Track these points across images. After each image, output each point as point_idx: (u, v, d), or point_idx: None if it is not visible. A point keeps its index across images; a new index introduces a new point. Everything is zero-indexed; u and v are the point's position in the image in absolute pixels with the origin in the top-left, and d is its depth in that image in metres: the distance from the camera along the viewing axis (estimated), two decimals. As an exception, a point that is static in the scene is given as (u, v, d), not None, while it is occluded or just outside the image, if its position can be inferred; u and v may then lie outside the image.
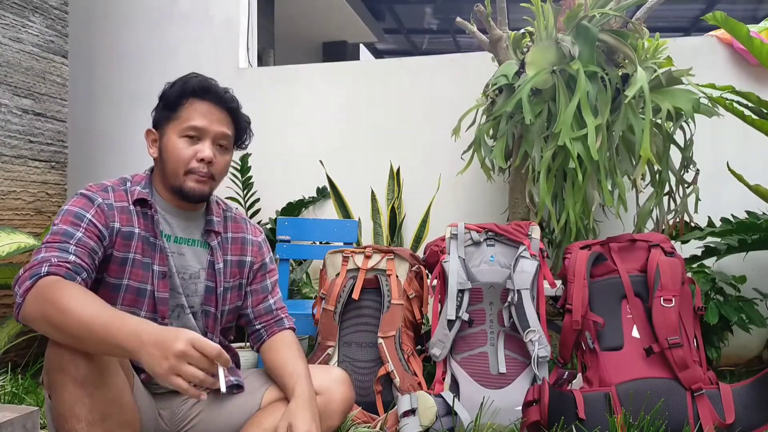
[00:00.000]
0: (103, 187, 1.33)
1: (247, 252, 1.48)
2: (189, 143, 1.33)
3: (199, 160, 1.32)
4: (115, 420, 1.11)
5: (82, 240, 1.22)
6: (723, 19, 2.10)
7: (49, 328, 1.08)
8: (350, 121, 3.15)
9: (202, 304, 1.40)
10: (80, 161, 3.45)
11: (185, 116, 1.33)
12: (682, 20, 6.54)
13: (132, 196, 1.34)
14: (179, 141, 1.33)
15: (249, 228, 1.52)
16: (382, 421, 1.75)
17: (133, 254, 1.30)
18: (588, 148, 2.14)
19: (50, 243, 1.20)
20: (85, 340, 1.05)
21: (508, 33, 2.53)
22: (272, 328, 1.47)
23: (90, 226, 1.25)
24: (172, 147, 1.33)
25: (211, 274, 1.41)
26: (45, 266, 1.15)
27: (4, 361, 2.34)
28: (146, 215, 1.34)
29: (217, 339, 1.44)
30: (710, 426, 1.56)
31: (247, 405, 1.38)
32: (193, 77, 1.36)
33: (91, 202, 1.29)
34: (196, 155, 1.32)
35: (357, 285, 1.96)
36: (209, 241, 1.41)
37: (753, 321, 2.19)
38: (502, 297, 1.89)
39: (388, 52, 8.52)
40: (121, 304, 1.30)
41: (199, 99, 1.34)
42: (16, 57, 2.54)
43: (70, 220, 1.24)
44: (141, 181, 1.37)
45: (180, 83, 1.35)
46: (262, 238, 1.53)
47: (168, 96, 1.35)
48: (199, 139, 1.33)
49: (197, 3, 3.37)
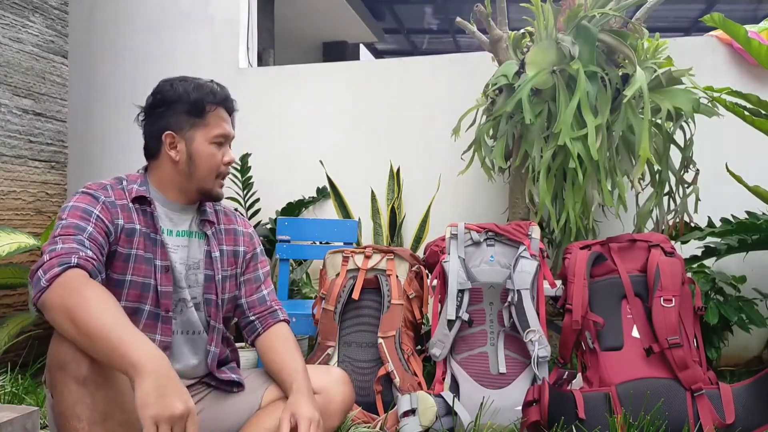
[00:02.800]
0: (102, 186, 1.35)
1: (240, 242, 1.52)
2: (218, 149, 1.42)
3: (227, 163, 1.43)
4: (116, 420, 1.11)
5: (93, 235, 1.24)
6: (721, 20, 2.10)
7: (65, 320, 1.08)
8: (350, 121, 3.15)
9: (204, 293, 1.43)
10: (80, 161, 3.45)
11: (213, 123, 1.41)
12: (682, 20, 6.54)
13: (130, 194, 1.36)
14: (211, 147, 1.40)
15: (239, 220, 1.57)
16: (382, 421, 1.75)
17: (135, 250, 1.32)
18: (588, 148, 2.14)
19: (64, 235, 1.21)
20: (98, 342, 1.05)
21: (508, 33, 2.53)
22: (267, 320, 1.48)
23: (98, 222, 1.27)
24: (206, 154, 1.40)
25: (208, 262, 1.43)
26: (74, 257, 1.16)
27: (4, 361, 2.34)
28: (145, 212, 1.36)
29: (220, 326, 1.45)
30: (710, 426, 1.56)
31: (248, 404, 1.39)
32: (212, 84, 1.43)
33: (95, 199, 1.30)
34: (223, 159, 1.42)
35: (357, 285, 1.96)
36: (205, 230, 1.45)
37: (753, 321, 2.19)
38: (502, 297, 1.89)
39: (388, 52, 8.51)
40: (126, 299, 1.30)
41: (221, 107, 1.43)
42: (16, 57, 2.54)
43: (79, 215, 1.25)
44: (137, 180, 1.40)
45: (204, 90, 1.40)
46: (251, 230, 1.59)
47: (194, 102, 1.39)
48: (223, 144, 1.43)
49: (197, 3, 3.37)
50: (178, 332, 1.38)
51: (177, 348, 1.38)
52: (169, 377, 1.01)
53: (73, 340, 1.08)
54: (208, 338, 1.42)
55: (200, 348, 1.43)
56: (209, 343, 1.42)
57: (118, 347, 1.03)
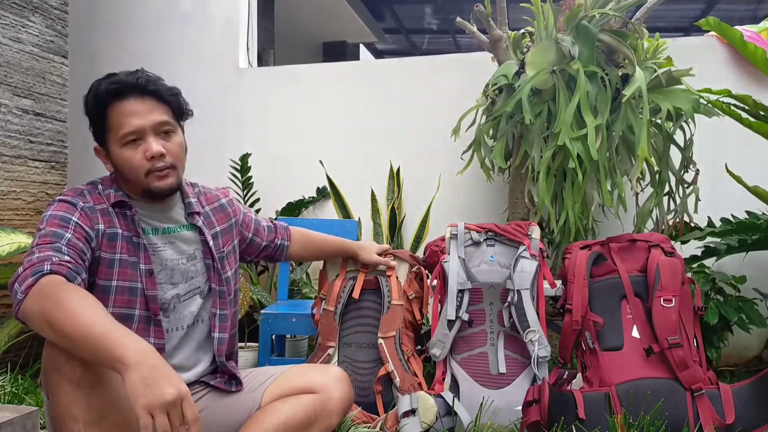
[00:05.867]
0: (79, 191, 1.33)
1: (230, 214, 1.57)
2: (134, 147, 1.31)
3: (150, 158, 1.30)
4: (113, 420, 1.11)
5: (72, 241, 1.22)
6: (716, 24, 2.11)
7: (46, 326, 1.07)
8: (350, 121, 3.15)
9: (207, 281, 1.44)
10: (80, 161, 3.44)
11: (116, 124, 1.30)
12: (682, 20, 6.53)
13: (109, 199, 1.34)
14: (124, 151, 1.30)
15: (219, 194, 1.59)
16: (382, 421, 1.75)
17: (119, 255, 1.31)
18: (588, 148, 2.14)
19: (42, 244, 1.19)
20: (80, 343, 1.04)
21: (508, 33, 2.53)
22: (284, 233, 1.78)
23: (77, 228, 1.25)
24: (121, 159, 1.31)
25: (206, 252, 1.44)
26: (47, 264, 1.14)
27: (4, 361, 2.34)
28: (126, 216, 1.34)
29: (224, 313, 1.45)
30: (710, 426, 1.56)
31: (248, 404, 1.39)
32: (100, 81, 1.31)
33: (73, 206, 1.28)
34: (145, 155, 1.30)
35: (357, 285, 1.96)
36: (194, 222, 1.44)
37: (753, 321, 2.19)
38: (502, 297, 1.89)
39: (388, 52, 8.51)
40: (114, 305, 1.29)
41: (119, 100, 1.30)
42: (16, 57, 2.54)
43: (57, 222, 1.24)
44: (111, 184, 1.37)
45: (92, 94, 1.31)
46: (230, 194, 1.64)
47: (90, 111, 1.32)
48: (140, 138, 1.31)
49: (197, 3, 3.37)
50: (172, 330, 1.38)
51: (175, 344, 1.38)
52: (155, 365, 1.00)
53: (59, 345, 1.08)
54: (211, 325, 1.43)
55: (202, 339, 1.43)
56: (213, 329, 1.42)
57: (102, 345, 1.02)
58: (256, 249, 1.70)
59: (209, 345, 1.44)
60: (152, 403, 0.96)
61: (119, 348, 1.00)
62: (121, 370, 1.00)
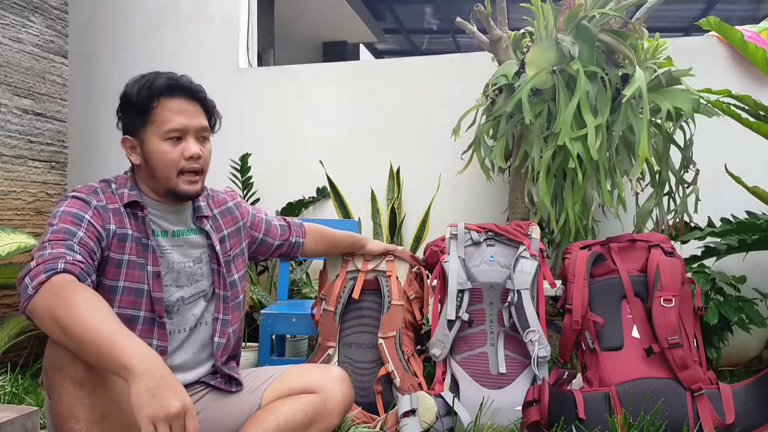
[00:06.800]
0: (92, 189, 1.33)
1: (238, 218, 1.57)
2: (173, 145, 1.33)
3: (188, 158, 1.33)
4: (115, 420, 1.11)
5: (84, 240, 1.22)
6: (716, 24, 2.10)
7: (54, 325, 1.07)
8: (350, 121, 3.15)
9: (212, 284, 1.45)
10: (80, 161, 3.45)
11: (162, 119, 1.32)
12: (682, 20, 6.54)
13: (122, 199, 1.34)
14: (163, 145, 1.32)
15: (227, 196, 1.59)
16: (383, 421, 1.75)
17: (128, 256, 1.31)
18: (588, 148, 2.14)
19: (54, 240, 1.19)
20: (86, 346, 1.03)
21: (508, 33, 2.53)
22: (299, 230, 1.77)
23: (90, 227, 1.25)
24: (159, 153, 1.32)
25: (212, 256, 1.45)
26: (61, 263, 1.14)
27: (4, 361, 2.34)
28: (137, 216, 1.34)
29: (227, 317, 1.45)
30: (710, 426, 1.56)
31: (248, 404, 1.39)
32: (156, 76, 1.34)
33: (86, 204, 1.28)
34: (183, 154, 1.33)
35: (357, 285, 1.96)
36: (202, 226, 1.45)
37: (753, 321, 2.19)
38: (502, 297, 1.89)
39: (388, 52, 8.52)
40: (120, 306, 1.29)
41: (169, 97, 1.32)
42: (16, 57, 2.54)
43: (70, 219, 1.23)
44: (126, 183, 1.37)
45: (145, 85, 1.32)
46: (237, 197, 1.63)
47: (137, 101, 1.32)
48: (181, 138, 1.33)
49: (197, 3, 3.37)
50: (175, 331, 1.38)
51: (177, 346, 1.38)
52: (162, 376, 1.00)
53: (64, 345, 1.07)
54: (213, 329, 1.43)
55: (205, 341, 1.43)
56: (215, 334, 1.42)
57: (109, 350, 1.01)
58: (268, 248, 1.70)
59: (211, 347, 1.44)
60: (157, 414, 0.96)
61: (125, 355, 1.00)
62: (126, 377, 1.00)
